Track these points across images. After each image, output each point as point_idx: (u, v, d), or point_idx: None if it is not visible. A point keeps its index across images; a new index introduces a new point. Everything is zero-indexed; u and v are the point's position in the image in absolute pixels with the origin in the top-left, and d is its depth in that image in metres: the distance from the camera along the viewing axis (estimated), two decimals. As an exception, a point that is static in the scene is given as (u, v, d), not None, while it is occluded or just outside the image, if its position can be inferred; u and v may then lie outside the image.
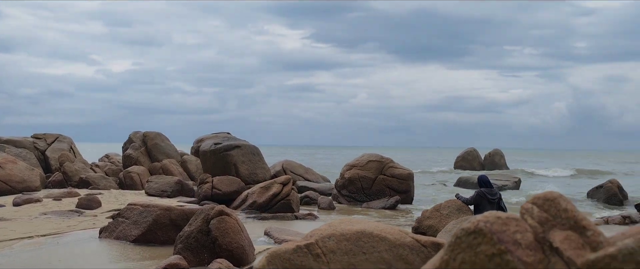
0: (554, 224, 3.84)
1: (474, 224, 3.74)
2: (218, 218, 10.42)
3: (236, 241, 10.37)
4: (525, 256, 3.59)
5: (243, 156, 23.18)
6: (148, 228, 11.72)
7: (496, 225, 3.69)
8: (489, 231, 3.64)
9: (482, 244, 3.68)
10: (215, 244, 10.23)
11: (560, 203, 3.89)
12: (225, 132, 29.26)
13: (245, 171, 22.91)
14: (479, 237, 3.71)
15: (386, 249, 5.75)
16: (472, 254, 3.70)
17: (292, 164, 27.34)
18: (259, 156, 23.90)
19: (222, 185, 19.73)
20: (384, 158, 23.41)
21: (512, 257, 3.58)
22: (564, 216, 3.84)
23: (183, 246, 10.30)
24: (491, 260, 3.63)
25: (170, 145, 29.69)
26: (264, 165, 24.04)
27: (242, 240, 10.55)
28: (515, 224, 3.75)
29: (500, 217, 3.75)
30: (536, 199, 4.02)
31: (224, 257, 10.07)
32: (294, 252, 5.40)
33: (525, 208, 3.99)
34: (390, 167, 22.91)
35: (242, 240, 10.55)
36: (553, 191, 4.00)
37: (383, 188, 22.52)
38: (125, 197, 20.69)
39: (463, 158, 46.67)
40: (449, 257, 3.85)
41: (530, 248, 3.63)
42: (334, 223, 6.04)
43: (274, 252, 5.36)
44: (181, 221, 11.81)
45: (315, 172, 28.17)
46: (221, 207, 10.81)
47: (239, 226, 10.75)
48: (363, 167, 22.92)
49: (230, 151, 22.97)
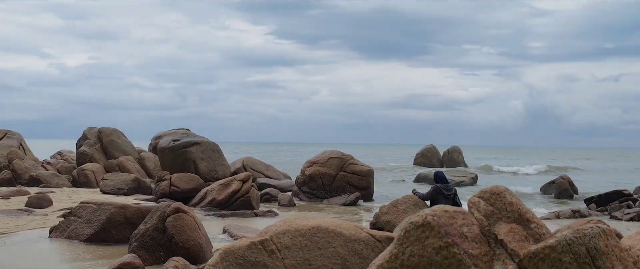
0: (500, 217, 3.95)
1: (422, 218, 3.80)
2: (174, 216, 10.25)
3: (193, 238, 10.22)
4: (471, 249, 3.68)
5: (202, 152, 22.89)
6: (101, 227, 11.42)
7: (443, 219, 3.76)
8: (437, 225, 3.72)
9: (430, 237, 3.75)
10: (172, 242, 10.06)
11: (505, 196, 4.00)
12: (184, 129, 28.83)
13: (204, 168, 22.63)
14: (426, 230, 3.78)
15: (341, 245, 5.78)
16: (420, 248, 3.77)
17: (253, 161, 27.18)
18: (219, 152, 23.65)
19: (180, 182, 19.43)
20: (345, 155, 23.54)
21: (458, 250, 3.66)
22: (509, 209, 3.95)
23: (138, 245, 10.08)
24: (438, 253, 3.71)
25: (127, 142, 29.03)
26: (224, 162, 23.82)
27: (200, 238, 10.41)
28: (462, 217, 3.84)
29: (448, 210, 3.82)
30: (483, 193, 4.12)
31: (181, 255, 9.91)
32: (248, 248, 5.36)
33: (472, 202, 4.09)
34: (350, 164, 23.05)
35: (200, 238, 10.41)
36: (499, 185, 4.12)
37: (343, 185, 22.64)
38: (78, 196, 20.11)
39: (422, 155, 47.46)
40: (398, 250, 3.90)
41: (476, 241, 3.73)
42: (289, 218, 6.03)
43: (227, 249, 5.30)
44: (137, 219, 11.55)
45: (276, 169, 28.09)
46: (178, 204, 10.63)
47: (196, 223, 10.60)
48: (324, 164, 22.99)
49: (189, 147, 22.64)
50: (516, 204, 4.00)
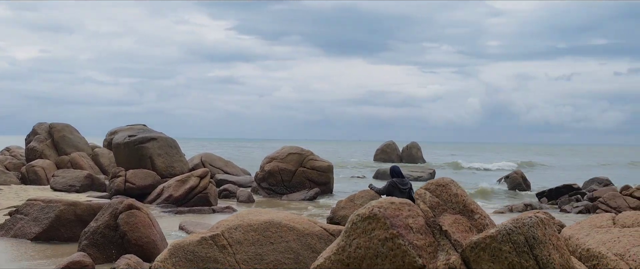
0: (445, 208, 4.02)
1: (368, 210, 3.82)
2: (127, 212, 10.01)
3: (147, 235, 10.01)
4: (416, 240, 3.73)
5: (159, 148, 22.44)
6: (50, 225, 11.05)
7: (390, 210, 3.80)
8: (383, 216, 3.74)
9: (376, 229, 3.78)
10: (124, 240, 9.83)
11: (451, 188, 4.07)
12: (141, 125, 28.18)
13: (161, 164, 22.20)
14: (373, 222, 3.81)
15: (294, 239, 5.76)
16: (367, 239, 3.79)
17: (211, 157, 26.85)
18: (177, 148, 23.24)
19: (136, 179, 19.01)
20: (304, 151, 23.53)
21: (403, 241, 3.70)
22: (454, 200, 4.02)
23: (88, 243, 9.80)
24: (384, 244, 3.74)
25: (80, 137, 28.16)
26: (182, 158, 23.42)
27: (153, 235, 10.20)
28: (408, 209, 3.88)
29: (394, 202, 3.86)
30: (429, 185, 4.18)
31: (134, 253, 9.68)
32: (198, 244, 5.26)
33: (419, 194, 4.14)
34: (310, 160, 23.06)
35: (153, 235, 10.20)
36: (445, 177, 4.18)
37: (303, 180, 22.63)
38: (27, 193, 19.39)
39: (382, 151, 48.03)
40: (345, 243, 3.91)
41: (421, 232, 3.78)
42: (241, 213, 5.95)
43: (177, 244, 5.18)
44: (88, 216, 11.22)
45: (235, 165, 27.85)
46: (131, 201, 10.38)
47: (150, 220, 10.38)
48: (283, 160, 22.91)
49: (146, 143, 22.16)
50: (461, 195, 4.08)
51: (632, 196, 17.35)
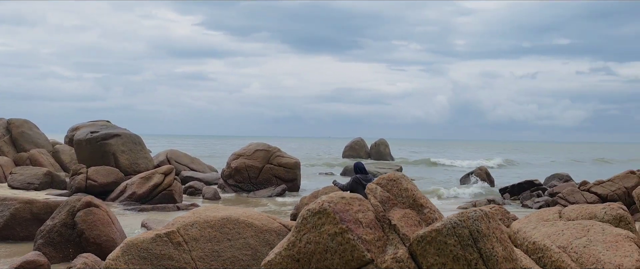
0: (395, 202, 4.05)
1: (318, 205, 3.82)
2: (85, 210, 9.78)
3: (106, 233, 9.80)
4: (365, 234, 3.75)
5: (123, 145, 22.03)
6: (5, 224, 10.71)
7: (340, 205, 3.80)
8: (333, 211, 3.75)
9: (326, 224, 3.78)
10: (82, 238, 9.60)
11: (402, 183, 4.10)
12: (104, 121, 27.56)
13: (125, 161, 21.80)
14: (323, 217, 3.80)
15: (252, 235, 5.72)
16: (317, 234, 3.79)
17: (177, 154, 26.49)
18: (141, 145, 22.85)
19: (98, 176, 18.59)
20: (271, 147, 23.43)
21: (352, 235, 3.71)
22: (405, 195, 4.06)
23: (44, 242, 9.54)
24: (333, 239, 3.74)
25: (39, 134, 27.37)
26: (147, 155, 23.05)
27: (113, 233, 9.99)
28: (358, 204, 3.89)
29: (345, 197, 3.87)
30: (381, 179, 4.21)
31: (92, 251, 9.47)
32: (152, 241, 5.17)
33: (370, 188, 4.17)
34: (277, 157, 22.98)
35: (113, 233, 9.99)
36: (397, 172, 4.21)
37: (270, 177, 22.54)
38: (-16, 191, 18.76)
39: (351, 148, 48.22)
40: (296, 238, 3.90)
41: (370, 227, 3.80)
42: (198, 210, 5.88)
43: (130, 242, 5.07)
44: (45, 214, 10.92)
45: (201, 162, 27.54)
46: (89, 198, 10.14)
47: (109, 217, 10.17)
48: (250, 157, 22.77)
49: (109, 139, 21.72)
50: (411, 190, 4.11)
51: (589, 191, 17.85)
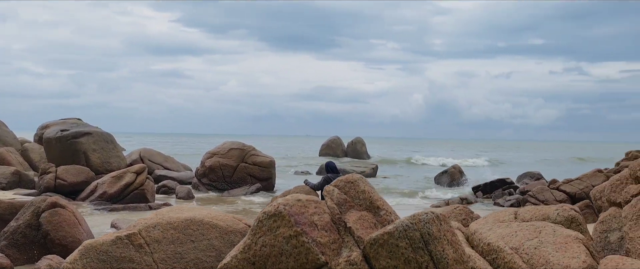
0: (352, 205, 4.06)
1: (274, 208, 3.81)
2: (50, 211, 9.59)
3: (72, 235, 9.63)
4: (320, 237, 3.75)
5: (94, 143, 21.67)
6: (-33, 224, 10.42)
7: (295, 208, 3.80)
8: (288, 214, 3.74)
9: (281, 227, 3.77)
10: (47, 239, 9.42)
11: (359, 185, 4.12)
12: (75, 118, 27.07)
13: (97, 160, 21.46)
14: (278, 220, 3.79)
15: (216, 236, 5.67)
16: (272, 237, 3.78)
17: (151, 152, 26.17)
18: (113, 143, 22.51)
19: (67, 175, 18.26)
20: (246, 146, 23.32)
21: (307, 238, 3.71)
22: (362, 197, 4.07)
23: (7, 243, 9.33)
24: (288, 242, 3.74)
25: (7, 132, 26.76)
26: (119, 153, 22.72)
27: (79, 234, 9.82)
28: (314, 206, 3.90)
29: (301, 199, 3.87)
30: (339, 181, 4.22)
31: (57, 253, 9.30)
32: (112, 243, 5.09)
33: (327, 191, 4.17)
34: (252, 155, 22.88)
35: (79, 234, 9.82)
36: (355, 174, 4.23)
37: (245, 176, 22.44)
38: (-51, 191, 18.26)
39: (327, 146, 48.25)
40: (251, 241, 3.88)
41: (325, 229, 3.80)
42: (161, 211, 5.81)
43: (88, 244, 4.99)
44: (9, 215, 10.65)
45: (176, 161, 27.27)
46: (55, 198, 9.95)
47: (75, 218, 9.99)
48: (224, 155, 22.64)
49: (80, 138, 21.34)
50: (368, 192, 4.13)
51: (558, 190, 18.20)
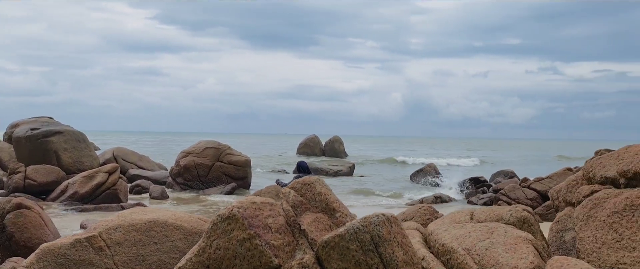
0: (308, 207, 4.07)
1: (228, 211, 3.80)
2: (15, 212, 9.41)
3: (37, 236, 9.45)
4: (274, 240, 3.75)
5: (66, 142, 21.32)
6: None
7: (250, 210, 3.79)
8: (242, 217, 3.74)
9: (235, 229, 3.76)
10: (12, 242, 9.23)
11: (315, 186, 4.13)
12: (46, 117, 26.56)
13: (68, 160, 21.12)
14: (232, 223, 3.79)
15: (180, 238, 5.63)
16: (226, 240, 3.77)
17: (124, 152, 25.85)
18: (85, 142, 22.17)
19: (37, 175, 17.94)
20: (221, 145, 23.19)
21: (260, 241, 3.71)
22: (318, 199, 4.08)
23: (-30, 245, 9.11)
24: (242, 245, 3.73)
25: (-23, 131, 26.15)
26: (91, 152, 22.39)
27: (45, 235, 9.65)
28: (269, 208, 3.90)
29: (256, 202, 3.86)
30: (295, 183, 4.23)
31: (22, 255, 9.12)
32: (71, 246, 5.01)
33: (283, 193, 4.18)
34: (227, 154, 22.76)
35: (45, 235, 9.65)
36: (312, 176, 4.25)
37: (220, 175, 22.33)
38: None
39: (305, 145, 48.27)
40: (206, 244, 3.87)
41: (280, 232, 3.80)
42: (124, 213, 5.75)
43: (46, 247, 4.91)
44: (-27, 217, 10.42)
45: (150, 160, 26.98)
46: (20, 199, 9.76)
47: (42, 219, 9.82)
48: (199, 154, 22.48)
49: (50, 137, 20.98)
50: (324, 194, 4.15)
51: (529, 188, 18.50)
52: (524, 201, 17.79)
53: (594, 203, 4.60)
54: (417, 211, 6.86)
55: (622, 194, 4.48)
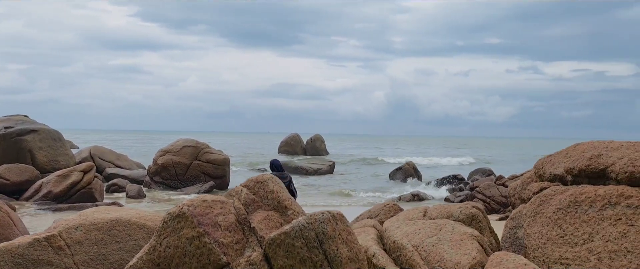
0: (260, 205, 4.11)
1: (178, 209, 3.83)
2: (-18, 212, 9.29)
3: (5, 236, 9.34)
4: (223, 238, 3.78)
5: (41, 141, 21.06)
6: None
7: (200, 208, 3.82)
8: (191, 215, 3.76)
9: (185, 227, 3.79)
10: (-22, 241, 9.12)
11: (268, 184, 4.18)
12: (21, 115, 26.18)
13: (43, 158, 20.86)
14: (182, 221, 3.81)
15: (144, 237, 5.63)
16: (176, 238, 3.79)
17: (102, 150, 25.60)
18: (61, 141, 21.92)
19: (10, 174, 17.71)
20: (200, 143, 23.09)
21: (209, 239, 3.74)
22: (270, 197, 4.13)
23: None
24: (191, 243, 3.76)
25: (-49, 130, 25.63)
26: (67, 151, 22.13)
27: (13, 235, 9.54)
28: (219, 206, 3.93)
29: (206, 200, 3.89)
30: (248, 181, 4.27)
31: (-11, 255, 9.02)
32: (29, 246, 4.99)
33: (236, 190, 4.21)
34: (205, 153, 22.67)
35: (13, 235, 9.54)
36: (265, 174, 4.28)
37: (198, 174, 22.24)
38: None
39: (286, 143, 48.22)
40: (157, 242, 3.89)
41: (229, 230, 3.84)
42: (86, 212, 5.73)
43: (3, 247, 4.88)
44: (-60, 217, 10.26)
45: (128, 159, 26.75)
46: (-13, 199, 9.64)
47: (10, 219, 9.71)
48: (177, 153, 22.36)
49: (25, 135, 20.70)
50: (277, 192, 4.19)
51: (504, 185, 18.75)
52: (498, 198, 18.04)
53: (541, 200, 4.71)
54: (382, 209, 6.93)
55: (567, 191, 4.60)
